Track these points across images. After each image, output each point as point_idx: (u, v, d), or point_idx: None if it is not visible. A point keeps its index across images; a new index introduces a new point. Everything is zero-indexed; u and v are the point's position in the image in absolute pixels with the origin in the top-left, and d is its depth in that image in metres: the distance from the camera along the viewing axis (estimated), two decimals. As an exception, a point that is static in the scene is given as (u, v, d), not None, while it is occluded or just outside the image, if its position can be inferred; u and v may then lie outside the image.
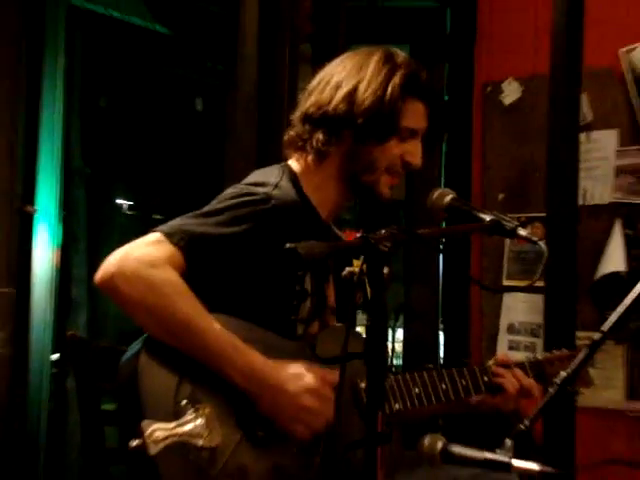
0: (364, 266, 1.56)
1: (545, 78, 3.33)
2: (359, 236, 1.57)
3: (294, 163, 2.10)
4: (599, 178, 3.75)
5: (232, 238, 1.89)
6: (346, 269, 1.62)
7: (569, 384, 1.62)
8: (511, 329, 3.96)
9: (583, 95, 3.39)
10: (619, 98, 3.73)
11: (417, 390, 2.03)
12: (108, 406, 1.97)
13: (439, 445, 1.56)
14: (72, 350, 1.97)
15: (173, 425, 1.71)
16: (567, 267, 3.15)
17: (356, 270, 1.57)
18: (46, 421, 3.39)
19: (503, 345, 3.88)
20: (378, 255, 1.55)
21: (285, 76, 3.42)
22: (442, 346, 4.30)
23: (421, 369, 2.08)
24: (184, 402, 1.76)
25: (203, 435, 1.74)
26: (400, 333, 4.86)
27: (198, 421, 1.75)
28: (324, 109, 2.03)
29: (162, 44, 5.21)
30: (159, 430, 1.68)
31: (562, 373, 1.62)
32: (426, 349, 4.29)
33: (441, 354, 4.29)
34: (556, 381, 1.62)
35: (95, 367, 1.97)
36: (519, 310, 3.93)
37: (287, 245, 1.56)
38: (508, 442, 1.54)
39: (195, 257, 1.85)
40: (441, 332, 4.32)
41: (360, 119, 2.00)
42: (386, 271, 1.55)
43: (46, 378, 3.40)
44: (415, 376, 2.05)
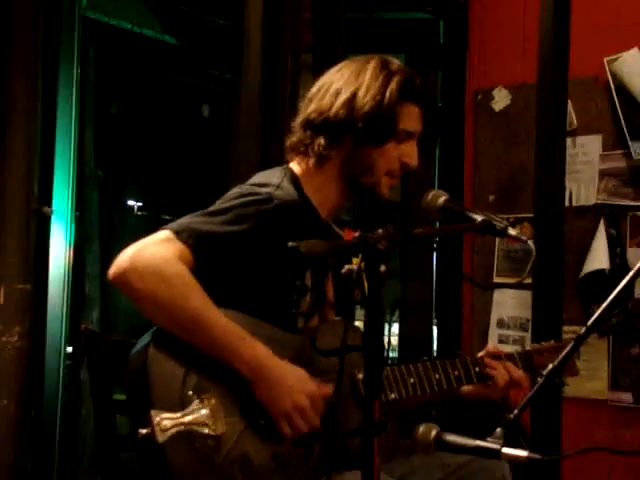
0: (362, 264, 1.56)
1: (533, 86, 3.33)
2: (357, 235, 1.57)
3: (295, 166, 2.10)
4: (584, 181, 3.76)
5: (236, 236, 1.89)
6: (345, 266, 1.62)
7: (556, 376, 1.62)
8: (501, 324, 3.96)
9: (569, 102, 3.39)
10: (603, 105, 3.73)
11: (412, 380, 2.03)
12: (119, 396, 1.96)
13: (433, 433, 1.56)
14: (85, 343, 1.97)
15: (180, 414, 1.71)
16: (554, 265, 3.15)
17: (355, 267, 1.56)
18: (61, 410, 3.39)
19: (493, 339, 3.87)
20: (375, 253, 1.55)
21: (287, 84, 3.41)
22: (436, 340, 4.29)
23: (416, 361, 2.07)
24: (190, 392, 1.76)
25: (209, 424, 1.74)
26: (396, 327, 4.86)
27: (204, 410, 1.74)
28: (325, 115, 2.02)
29: (171, 54, 5.21)
30: (167, 419, 1.68)
31: (549, 365, 1.62)
32: (420, 343, 4.29)
33: (435, 347, 4.29)
34: (543, 373, 1.61)
35: (107, 359, 1.96)
36: (508, 306, 3.93)
37: (289, 243, 1.56)
38: (498, 431, 1.53)
39: (202, 254, 1.85)
40: (435, 326, 4.31)
41: (360, 123, 1.99)
42: (383, 268, 1.55)
43: (61, 370, 3.39)
44: (410, 367, 2.04)
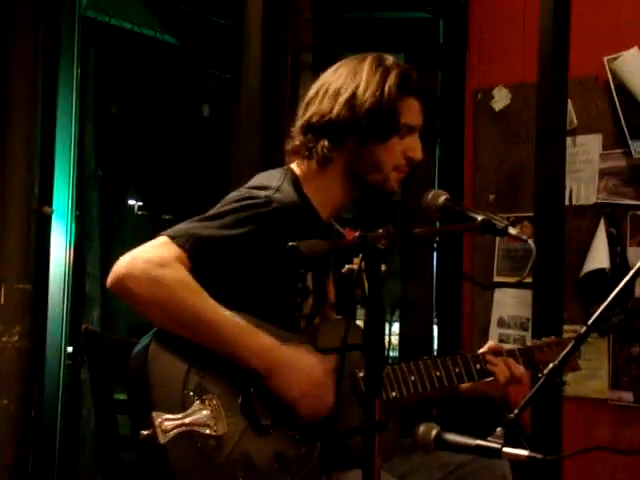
0: (363, 263, 1.56)
1: (533, 85, 3.33)
2: (358, 235, 1.57)
3: (296, 167, 2.09)
4: (584, 180, 3.76)
5: (235, 240, 1.89)
6: (346, 266, 1.62)
7: (556, 375, 1.62)
8: (501, 323, 3.96)
9: (569, 101, 3.39)
10: (603, 105, 3.73)
11: (413, 378, 2.02)
12: (120, 395, 1.96)
13: (433, 433, 1.56)
14: (86, 343, 1.96)
15: (181, 415, 1.71)
16: (554, 264, 3.15)
17: (355, 267, 1.57)
18: (61, 410, 3.39)
19: (494, 338, 3.87)
20: (376, 253, 1.55)
21: (287, 84, 3.41)
22: (436, 339, 4.29)
23: (417, 359, 2.07)
24: (191, 393, 1.76)
25: (210, 424, 1.74)
26: (396, 327, 4.86)
27: (205, 411, 1.74)
28: (327, 117, 2.02)
29: (171, 54, 5.21)
30: (168, 420, 1.68)
31: (550, 365, 1.62)
32: (421, 342, 4.29)
33: (435, 347, 4.29)
34: (544, 372, 1.61)
35: (108, 359, 1.96)
36: (509, 305, 3.93)
37: (289, 243, 1.56)
38: (499, 430, 1.53)
39: (200, 258, 1.85)
40: (435, 326, 4.32)
41: (362, 121, 1.99)
42: (383, 268, 1.55)
43: (61, 369, 3.39)
44: (411, 365, 2.04)
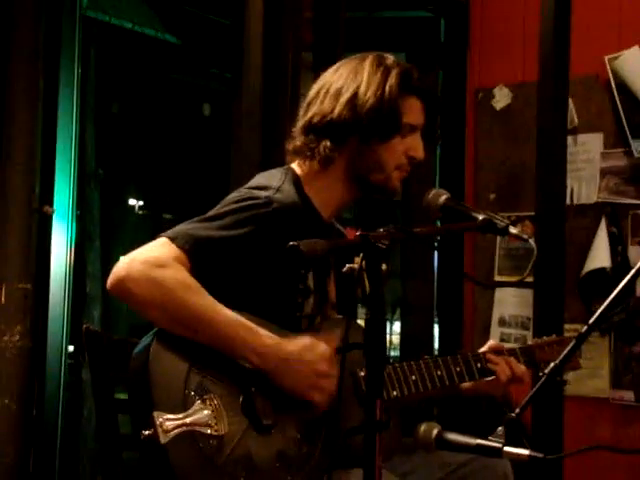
0: (363, 263, 1.56)
1: (534, 84, 3.33)
2: (359, 234, 1.57)
3: (297, 167, 2.09)
4: (585, 179, 3.75)
5: (235, 241, 1.89)
6: (346, 265, 1.62)
7: (557, 374, 1.62)
8: (502, 322, 3.96)
9: (570, 100, 3.39)
10: (604, 103, 3.73)
11: (414, 377, 2.02)
12: (121, 395, 1.96)
13: (434, 432, 1.56)
14: (87, 342, 1.97)
15: (182, 415, 1.71)
16: (555, 263, 3.15)
17: (356, 266, 1.57)
18: (62, 409, 3.39)
19: (495, 337, 3.87)
20: (377, 252, 1.55)
21: (288, 83, 3.41)
22: (437, 338, 4.29)
23: (418, 359, 2.07)
24: (193, 392, 1.76)
25: (211, 424, 1.74)
26: (397, 326, 4.87)
27: (206, 411, 1.74)
28: (329, 117, 2.01)
29: (171, 53, 5.21)
30: (169, 420, 1.68)
31: (551, 364, 1.62)
32: (422, 341, 4.29)
33: (436, 346, 4.29)
34: (545, 371, 1.61)
35: (109, 358, 1.96)
36: (510, 304, 3.93)
37: (290, 243, 1.56)
38: (500, 429, 1.53)
39: (200, 259, 1.85)
40: (436, 325, 4.32)
41: (364, 121, 1.98)
42: (384, 267, 1.55)
43: (62, 369, 3.39)
44: (412, 364, 2.04)
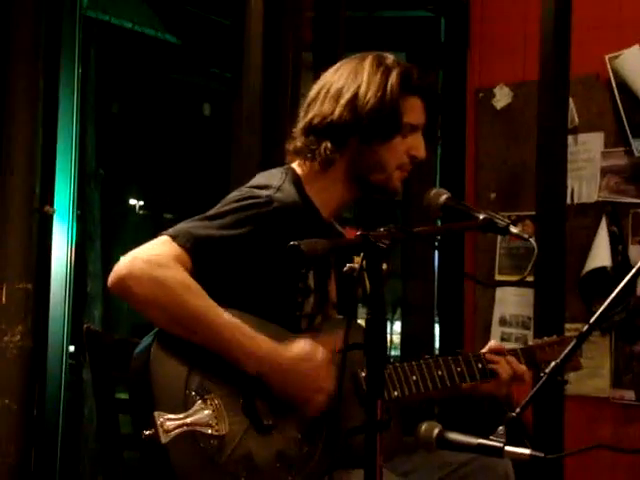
0: (364, 262, 1.56)
1: (534, 84, 3.33)
2: (359, 234, 1.57)
3: (297, 167, 2.09)
4: (586, 178, 3.75)
5: (235, 240, 1.89)
6: (347, 265, 1.62)
7: (558, 374, 1.62)
8: (503, 321, 3.96)
9: (570, 100, 3.39)
10: (604, 103, 3.73)
11: (415, 377, 2.02)
12: (122, 395, 1.96)
13: (435, 432, 1.55)
14: (88, 342, 1.97)
15: (183, 415, 1.71)
16: (556, 262, 3.15)
17: (356, 266, 1.57)
18: (63, 409, 3.39)
19: (495, 337, 3.87)
20: (377, 252, 1.55)
21: (289, 83, 3.41)
22: (438, 338, 4.29)
23: (418, 359, 2.07)
24: (193, 392, 1.76)
25: (212, 424, 1.74)
26: (398, 326, 4.87)
27: (207, 411, 1.74)
28: (329, 119, 2.01)
29: (172, 53, 5.21)
30: (170, 420, 1.68)
31: (552, 363, 1.62)
32: (422, 341, 4.29)
33: (437, 345, 4.29)
34: (546, 371, 1.61)
35: (109, 358, 1.96)
36: (510, 303, 3.93)
37: (290, 243, 1.56)
38: (500, 429, 1.53)
39: (201, 258, 1.85)
40: (437, 325, 4.32)
41: (365, 122, 1.98)
42: (384, 267, 1.55)
43: (63, 369, 3.39)
44: (413, 365, 2.04)
